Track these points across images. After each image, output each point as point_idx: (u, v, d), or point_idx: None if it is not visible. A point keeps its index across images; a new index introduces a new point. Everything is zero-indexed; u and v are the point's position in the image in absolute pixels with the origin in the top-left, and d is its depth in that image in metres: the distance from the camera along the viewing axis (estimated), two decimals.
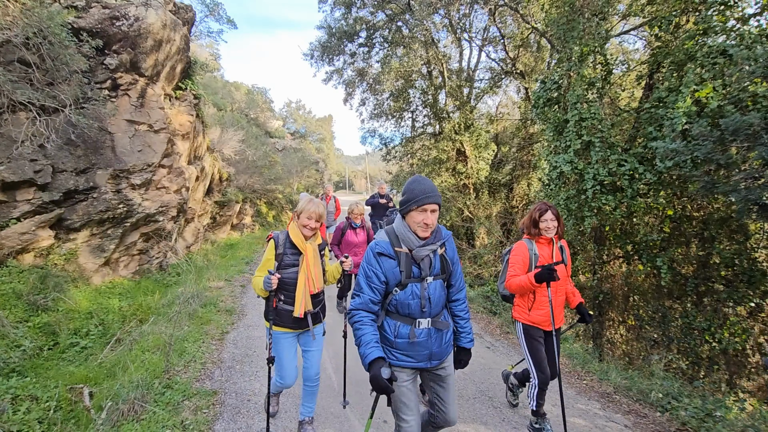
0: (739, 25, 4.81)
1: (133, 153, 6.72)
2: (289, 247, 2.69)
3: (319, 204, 2.70)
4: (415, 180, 1.97)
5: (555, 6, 6.09)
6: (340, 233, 5.12)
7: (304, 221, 2.66)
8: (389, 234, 2.02)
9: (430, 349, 2.01)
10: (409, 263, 1.95)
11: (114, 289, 6.16)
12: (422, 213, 1.89)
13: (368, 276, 1.95)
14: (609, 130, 5.51)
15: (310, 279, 2.69)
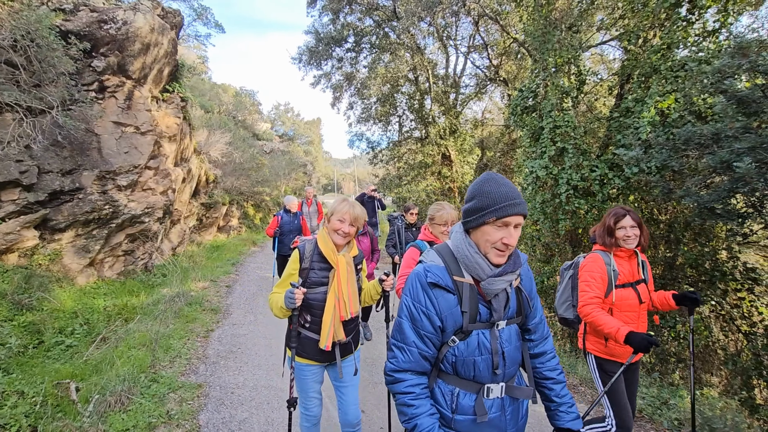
0: (699, 40, 5.15)
1: (119, 154, 6.78)
2: (318, 260, 2.17)
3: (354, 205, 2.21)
4: (491, 179, 1.35)
5: (532, 18, 6.38)
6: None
7: (335, 225, 2.15)
8: (443, 255, 1.41)
9: (505, 429, 1.40)
10: (474, 300, 1.34)
11: (99, 290, 6.21)
12: (502, 229, 1.29)
13: (415, 318, 1.35)
14: (582, 137, 5.80)
15: (341, 301, 2.15)
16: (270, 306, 2.21)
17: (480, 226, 1.33)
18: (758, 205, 3.31)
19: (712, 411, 3.31)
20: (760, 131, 3.04)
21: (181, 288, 5.77)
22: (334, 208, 2.20)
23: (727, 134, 3.14)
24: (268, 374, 3.78)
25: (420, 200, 12.61)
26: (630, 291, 2.37)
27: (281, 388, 3.54)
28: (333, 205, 2.23)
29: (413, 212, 5.28)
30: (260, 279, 7.73)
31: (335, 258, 2.15)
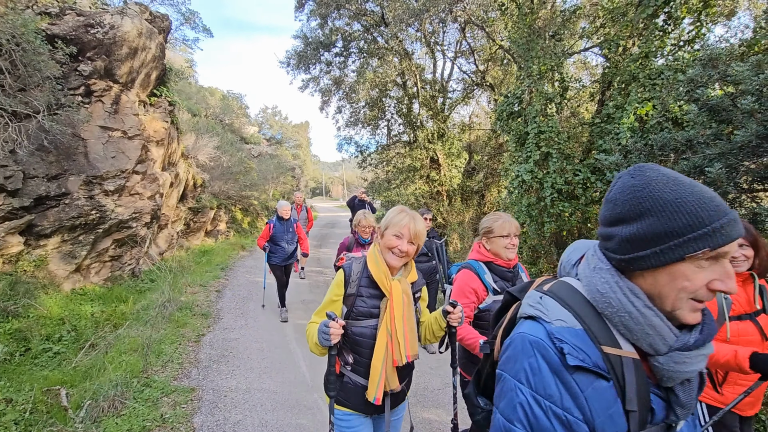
0: (675, 50, 5.38)
1: (106, 159, 6.73)
2: (367, 284, 1.77)
3: (416, 217, 1.78)
4: (671, 179, 0.78)
5: (517, 27, 6.56)
6: (345, 250, 4.04)
7: (390, 241, 1.74)
8: (575, 308, 0.83)
9: None
10: (645, 389, 0.78)
11: (85, 296, 6.14)
12: (713, 266, 0.74)
13: (541, 428, 0.76)
14: (565, 142, 5.98)
15: (395, 340, 1.69)
16: (307, 337, 1.77)
17: (670, 264, 0.75)
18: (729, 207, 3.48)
19: None
20: (731, 138, 3.22)
21: (170, 293, 5.75)
22: (389, 220, 1.78)
23: (699, 141, 3.31)
24: (260, 377, 3.82)
25: (409, 204, 12.72)
26: (749, 324, 1.86)
27: (274, 390, 3.58)
28: (389, 216, 1.81)
29: (427, 218, 4.72)
30: (250, 283, 7.72)
31: (388, 284, 1.72)
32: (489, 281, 2.18)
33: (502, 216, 2.28)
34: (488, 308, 2.18)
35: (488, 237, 2.27)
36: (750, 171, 3.16)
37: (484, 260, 2.25)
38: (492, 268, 2.23)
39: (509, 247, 2.22)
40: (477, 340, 2.02)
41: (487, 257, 2.25)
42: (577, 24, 7.42)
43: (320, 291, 7.25)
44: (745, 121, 3.00)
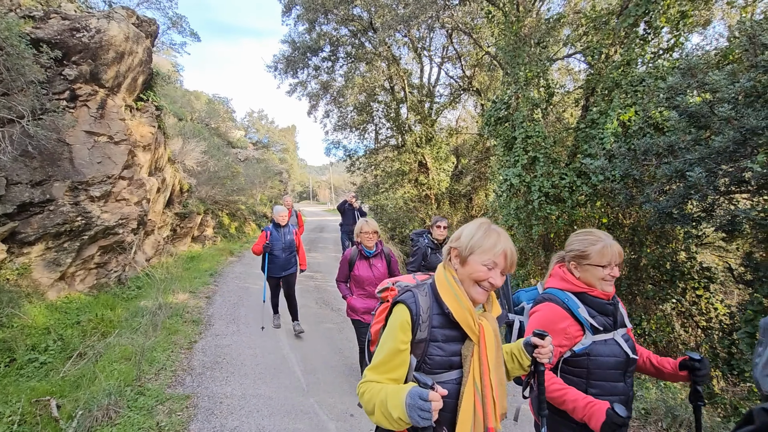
0: (655, 58, 5.58)
1: (92, 164, 6.62)
2: (441, 324, 1.34)
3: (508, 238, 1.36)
4: None
5: (503, 34, 6.71)
6: (347, 265, 3.66)
7: (478, 272, 1.32)
8: None
9: None
10: None
11: (71, 304, 6.02)
12: None
13: None
14: (551, 146, 6.13)
15: (488, 398, 1.31)
16: (364, 406, 1.30)
17: None
18: (709, 210, 3.64)
19: (675, 400, 3.59)
20: (709, 143, 3.37)
21: (160, 300, 5.68)
22: (475, 242, 1.34)
23: (680, 146, 3.46)
24: (255, 383, 3.81)
25: (398, 207, 12.80)
26: None
27: (270, 396, 3.58)
28: (472, 235, 1.36)
29: (442, 226, 4.29)
30: (240, 289, 7.66)
31: (475, 325, 1.32)
32: (585, 317, 1.71)
33: (601, 238, 1.75)
34: (586, 351, 1.69)
35: (580, 263, 1.77)
36: (728, 174, 3.31)
37: (573, 290, 1.77)
38: (586, 299, 1.74)
39: (608, 279, 1.73)
40: (569, 395, 1.60)
41: (578, 287, 1.76)
42: (561, 31, 7.62)
43: (310, 296, 7.24)
44: (722, 128, 3.15)
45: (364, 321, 3.52)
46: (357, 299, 3.61)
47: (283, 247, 5.28)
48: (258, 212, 20.84)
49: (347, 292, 3.70)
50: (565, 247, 1.88)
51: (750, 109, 3.02)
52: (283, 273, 5.31)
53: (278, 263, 5.27)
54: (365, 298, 3.60)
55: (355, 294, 3.65)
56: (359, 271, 3.61)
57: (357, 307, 3.58)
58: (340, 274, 3.75)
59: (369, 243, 3.60)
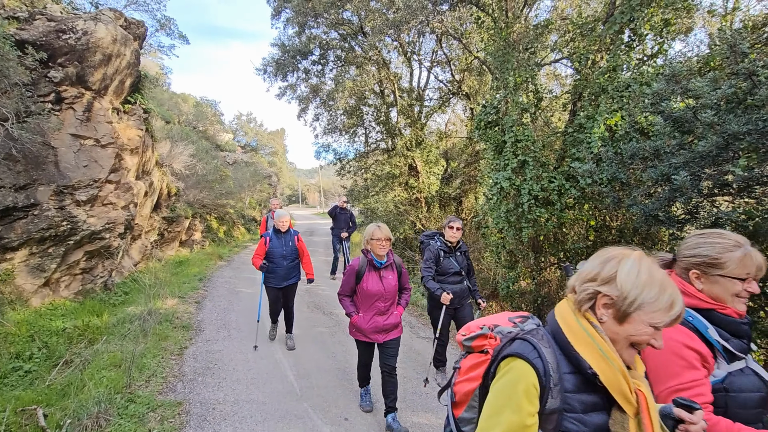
0: (640, 64, 5.72)
1: (78, 168, 6.51)
2: (576, 387, 1.02)
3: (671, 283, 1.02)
4: None
5: (492, 40, 6.80)
6: (354, 277, 3.21)
7: (644, 335, 1.01)
8: None
9: None
10: None
11: (56, 311, 5.89)
12: None
13: None
14: (540, 150, 6.22)
15: None
16: None
17: None
18: (694, 212, 3.74)
19: None
20: (692, 147, 3.47)
21: (148, 306, 5.59)
22: (643, 295, 0.99)
23: (665, 150, 3.55)
24: (248, 389, 3.77)
25: (388, 211, 12.82)
26: None
27: (263, 401, 3.55)
28: (638, 286, 0.99)
29: (455, 226, 3.92)
30: (230, 294, 7.58)
31: (632, 393, 1.00)
32: (716, 340, 1.34)
33: (740, 243, 1.38)
34: (723, 386, 1.32)
35: (708, 273, 1.38)
36: (711, 177, 3.41)
37: (702, 307, 1.38)
38: (716, 318, 1.36)
39: (743, 296, 1.36)
40: None
41: (706, 302, 1.37)
42: (548, 37, 7.76)
43: (301, 300, 7.19)
44: (705, 133, 3.25)
45: (371, 341, 3.22)
46: (364, 318, 3.19)
47: (284, 254, 4.81)
48: (247, 216, 20.66)
49: (353, 309, 3.23)
50: (682, 249, 1.48)
51: (731, 115, 3.12)
52: (284, 283, 4.87)
53: (279, 273, 4.77)
54: (374, 316, 3.19)
55: (361, 310, 3.21)
56: (368, 284, 3.13)
57: (364, 328, 3.17)
58: (345, 287, 3.25)
59: (381, 251, 3.13)
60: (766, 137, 2.88)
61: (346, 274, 3.23)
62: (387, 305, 3.18)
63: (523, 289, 7.75)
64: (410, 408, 3.61)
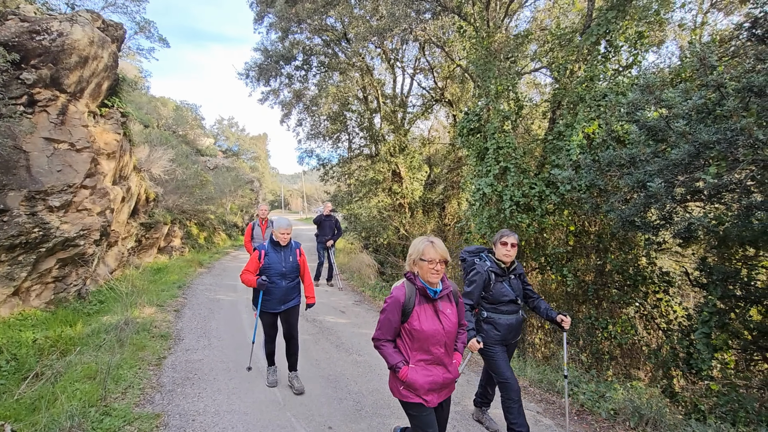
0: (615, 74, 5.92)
1: (51, 173, 6.29)
2: None
3: None
4: None
5: (474, 48, 6.93)
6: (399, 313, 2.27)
7: None
8: None
9: None
10: None
11: (26, 321, 5.65)
12: None
13: None
14: (521, 157, 6.34)
15: None
16: None
17: None
18: (668, 218, 3.87)
19: (640, 400, 3.75)
20: (666, 155, 3.60)
21: (125, 314, 5.42)
22: None
23: (640, 158, 3.67)
24: (229, 399, 3.69)
25: (372, 216, 12.82)
26: None
27: (245, 411, 3.48)
28: None
29: (510, 242, 3.11)
30: (210, 302, 7.43)
31: None
32: None
33: None
34: None
35: None
36: (684, 184, 3.54)
37: None
38: None
39: None
40: None
41: None
42: (528, 47, 7.95)
43: None
44: (678, 141, 3.38)
45: (427, 404, 2.25)
46: (418, 370, 2.24)
47: (283, 272, 3.88)
48: (228, 222, 20.34)
49: (400, 359, 2.26)
50: None
51: (702, 125, 3.26)
52: (282, 307, 3.92)
53: (276, 295, 3.86)
54: (431, 366, 2.26)
55: (411, 360, 2.26)
56: (422, 322, 2.23)
57: (419, 384, 2.23)
58: (385, 329, 2.29)
59: (434, 277, 2.25)
60: (734, 146, 3.02)
61: (387, 308, 2.28)
62: (446, 351, 2.30)
63: None
64: (395, 415, 3.60)
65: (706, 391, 4.48)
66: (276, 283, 3.86)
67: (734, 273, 4.18)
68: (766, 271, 4.47)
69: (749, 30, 3.47)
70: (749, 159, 2.98)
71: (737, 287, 4.24)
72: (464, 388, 4.12)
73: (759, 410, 3.64)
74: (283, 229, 3.90)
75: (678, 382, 5.30)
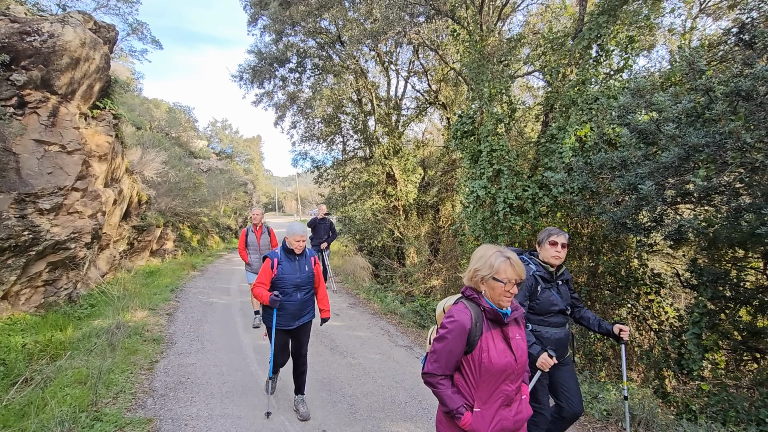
0: (607, 78, 5.99)
1: (41, 175, 6.22)
2: None
3: None
4: None
5: (468, 51, 6.98)
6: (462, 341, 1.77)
7: None
8: None
9: None
10: None
11: (15, 326, 5.57)
12: None
13: None
14: (515, 159, 6.39)
15: None
16: None
17: None
18: (659, 220, 3.92)
19: (632, 401, 3.78)
20: (657, 158, 3.64)
21: (116, 318, 5.37)
22: None
23: (632, 161, 3.72)
24: (222, 403, 3.66)
25: (366, 219, 12.82)
26: None
27: (238, 415, 3.46)
28: None
29: (561, 242, 2.67)
30: (203, 305, 7.37)
31: None
32: None
33: None
34: None
35: None
36: (674, 187, 3.59)
37: None
38: None
39: None
40: None
41: None
42: (521, 51, 8.02)
43: None
44: (668, 144, 3.43)
45: None
46: (485, 415, 1.77)
47: (299, 283, 3.44)
48: (222, 224, 20.22)
49: (461, 403, 1.77)
50: None
51: (691, 128, 3.31)
52: (295, 323, 3.49)
53: (290, 309, 3.42)
54: (499, 409, 1.79)
55: (476, 401, 1.77)
56: (491, 353, 1.76)
57: None
58: (443, 361, 1.79)
59: (507, 301, 1.81)
60: (723, 149, 3.07)
61: (449, 335, 1.77)
62: (516, 387, 1.85)
63: None
64: (389, 418, 3.59)
65: (697, 392, 4.53)
66: (290, 296, 3.41)
67: (724, 274, 4.24)
68: (755, 272, 4.54)
69: (737, 35, 3.53)
70: (737, 162, 3.03)
71: (727, 288, 4.30)
72: None
73: (749, 410, 3.69)
74: (298, 236, 3.42)
75: (670, 383, 5.35)
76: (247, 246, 6.14)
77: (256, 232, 6.13)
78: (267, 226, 6.24)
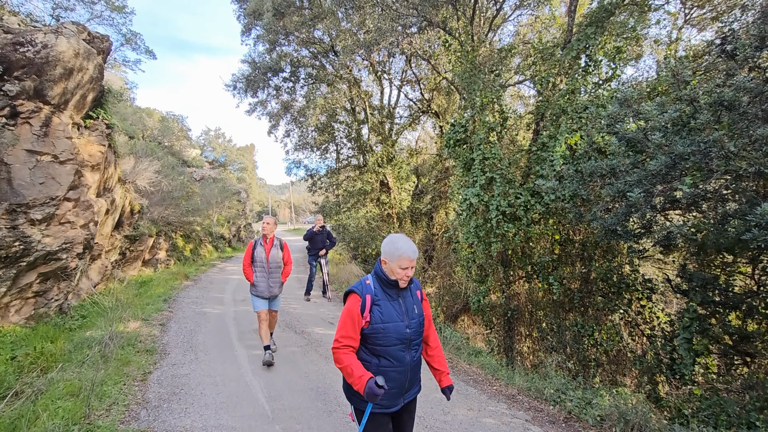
0: (596, 88, 6.12)
1: (33, 186, 6.18)
2: None
3: None
4: None
5: (460, 61, 7.09)
6: None
7: None
8: None
9: None
10: None
11: (4, 338, 5.49)
12: None
13: None
14: (507, 167, 6.47)
15: None
16: None
17: None
18: (648, 226, 3.99)
19: (626, 406, 3.82)
20: (645, 166, 3.73)
21: (109, 329, 5.31)
22: None
23: (620, 169, 3.80)
24: (217, 413, 3.63)
25: (360, 227, 12.84)
26: None
27: (233, 426, 3.43)
28: None
29: None
30: (197, 315, 7.31)
31: None
32: None
33: None
34: None
35: None
36: (662, 194, 3.67)
37: None
38: None
39: None
40: None
41: None
42: (512, 60, 8.16)
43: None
44: (655, 152, 3.51)
45: None
46: None
47: (408, 337, 2.16)
48: (215, 233, 20.10)
49: None
50: None
51: (677, 137, 3.40)
52: (400, 401, 2.31)
53: (396, 379, 2.18)
54: None
55: None
56: None
57: None
58: None
59: None
60: (708, 157, 3.15)
61: None
62: None
63: (494, 302, 7.92)
64: None
65: (690, 396, 4.58)
66: (397, 360, 2.16)
67: (713, 279, 4.31)
68: (743, 276, 4.62)
69: (720, 46, 3.65)
70: (722, 170, 3.11)
71: (716, 293, 4.37)
72: None
73: (739, 413, 3.74)
74: (407, 260, 2.18)
75: (663, 388, 5.40)
76: (253, 262, 4.96)
77: (266, 245, 5.03)
78: (280, 240, 5.20)
